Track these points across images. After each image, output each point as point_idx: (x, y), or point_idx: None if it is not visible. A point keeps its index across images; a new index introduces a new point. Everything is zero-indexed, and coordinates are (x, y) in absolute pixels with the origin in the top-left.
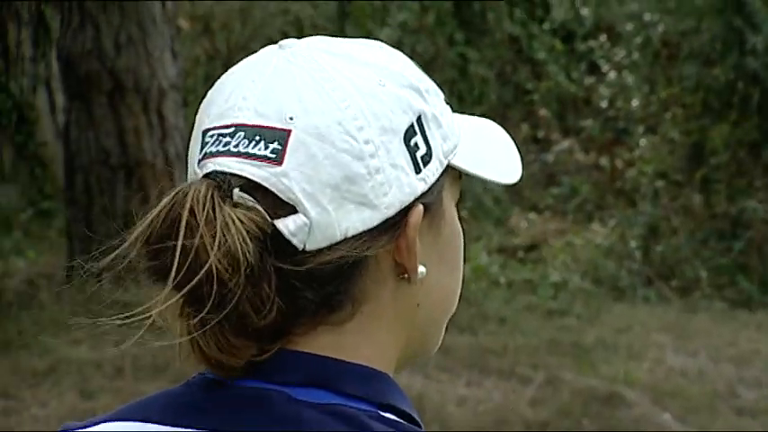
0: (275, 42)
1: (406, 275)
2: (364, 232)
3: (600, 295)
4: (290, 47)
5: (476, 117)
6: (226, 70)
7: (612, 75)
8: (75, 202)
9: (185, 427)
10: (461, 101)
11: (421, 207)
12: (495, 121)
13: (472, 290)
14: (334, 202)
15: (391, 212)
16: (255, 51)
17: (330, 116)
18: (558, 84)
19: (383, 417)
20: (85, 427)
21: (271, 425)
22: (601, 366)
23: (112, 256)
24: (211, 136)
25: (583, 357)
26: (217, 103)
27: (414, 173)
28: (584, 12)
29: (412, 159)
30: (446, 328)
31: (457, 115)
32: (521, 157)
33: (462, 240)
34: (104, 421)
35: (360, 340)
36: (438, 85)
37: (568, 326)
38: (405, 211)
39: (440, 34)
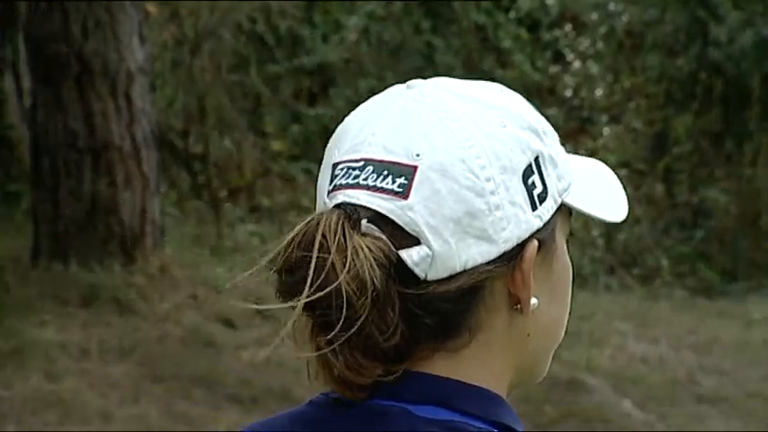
0: (243, 28)
1: (519, 306)
2: (482, 264)
3: None
4: (418, 87)
5: (583, 157)
6: (193, 55)
7: (577, 64)
8: (42, 184)
9: None
10: None
11: (536, 242)
12: None
13: None
14: (456, 235)
15: (508, 247)
16: (224, 37)
17: (454, 154)
18: (523, 72)
19: None
20: None
21: None
22: (563, 353)
23: (252, 270)
24: (341, 169)
25: None
26: (347, 138)
27: (530, 210)
28: (550, 1)
29: (529, 197)
30: None
31: (568, 155)
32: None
33: (571, 274)
34: None
35: (476, 366)
36: (404, 72)
37: None
38: (521, 246)
39: (407, 22)
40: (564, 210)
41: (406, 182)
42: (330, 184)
